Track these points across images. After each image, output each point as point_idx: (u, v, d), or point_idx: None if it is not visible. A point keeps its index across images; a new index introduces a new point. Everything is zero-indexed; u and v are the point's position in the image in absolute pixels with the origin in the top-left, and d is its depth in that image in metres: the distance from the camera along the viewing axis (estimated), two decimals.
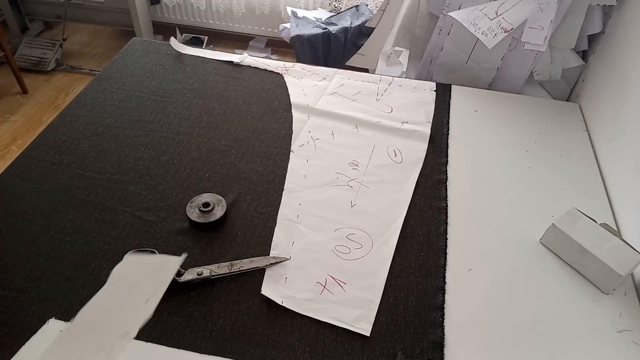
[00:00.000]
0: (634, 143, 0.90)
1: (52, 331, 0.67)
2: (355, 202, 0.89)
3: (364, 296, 0.74)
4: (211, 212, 0.84)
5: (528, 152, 1.03)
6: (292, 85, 1.18)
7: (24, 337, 0.66)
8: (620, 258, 0.74)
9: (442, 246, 0.82)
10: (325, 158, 0.98)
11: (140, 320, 0.60)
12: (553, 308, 0.74)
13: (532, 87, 1.29)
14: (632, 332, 0.71)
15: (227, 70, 1.21)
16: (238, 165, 0.96)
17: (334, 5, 2.54)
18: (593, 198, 0.93)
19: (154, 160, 0.95)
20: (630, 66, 0.99)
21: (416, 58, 1.43)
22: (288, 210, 0.87)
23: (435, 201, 0.90)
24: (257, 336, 0.68)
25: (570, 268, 0.80)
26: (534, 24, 1.10)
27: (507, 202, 0.91)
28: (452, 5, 1.22)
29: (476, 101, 1.17)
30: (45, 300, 0.71)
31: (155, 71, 1.20)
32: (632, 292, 0.76)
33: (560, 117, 1.14)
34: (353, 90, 1.17)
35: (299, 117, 1.08)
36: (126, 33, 2.91)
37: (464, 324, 0.71)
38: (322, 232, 0.83)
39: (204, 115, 1.08)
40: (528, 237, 0.84)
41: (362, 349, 0.68)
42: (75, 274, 0.74)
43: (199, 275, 0.73)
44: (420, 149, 1.01)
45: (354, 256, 0.80)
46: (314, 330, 0.69)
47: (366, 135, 1.04)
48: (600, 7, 1.15)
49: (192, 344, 0.67)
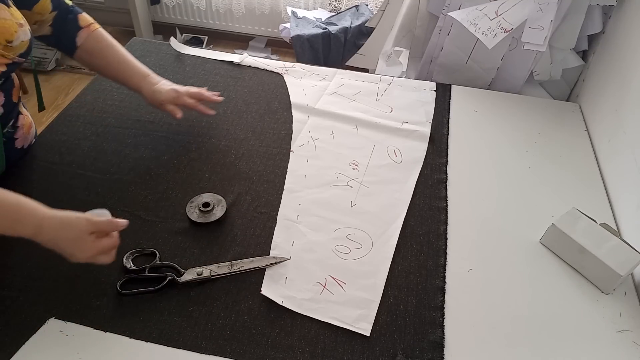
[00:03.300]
0: (634, 143, 0.90)
1: (52, 331, 0.67)
2: (355, 202, 0.89)
3: (364, 296, 0.74)
4: (211, 212, 0.84)
5: (528, 152, 1.02)
6: (292, 86, 1.18)
7: (24, 337, 0.66)
8: (620, 258, 0.74)
9: (442, 246, 0.82)
10: (325, 158, 0.98)
11: None
12: (553, 308, 0.74)
13: (532, 87, 1.29)
14: (632, 332, 0.71)
15: (227, 70, 1.21)
16: (238, 165, 0.96)
17: (334, 5, 2.54)
18: (593, 198, 0.93)
19: (154, 160, 0.95)
20: (630, 66, 0.99)
21: (416, 58, 1.43)
22: (288, 210, 0.87)
23: (435, 201, 0.90)
24: (257, 336, 0.68)
25: (570, 268, 0.80)
26: (533, 24, 1.10)
27: (507, 202, 0.91)
28: (452, 5, 1.22)
29: (476, 101, 1.17)
30: (45, 300, 0.71)
31: (155, 71, 1.18)
32: (632, 292, 0.76)
33: (560, 117, 1.14)
34: (353, 90, 1.17)
35: (299, 117, 1.08)
36: (126, 33, 2.90)
37: (464, 324, 0.71)
38: (322, 232, 0.83)
39: (204, 115, 1.07)
40: (528, 237, 0.84)
41: (362, 349, 0.68)
42: (76, 274, 0.74)
43: (198, 275, 0.73)
44: (420, 149, 1.01)
45: (354, 256, 0.80)
46: (314, 330, 0.69)
47: (366, 135, 1.04)
48: (600, 7, 1.15)
49: (192, 344, 0.67)
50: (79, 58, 0.98)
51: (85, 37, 0.96)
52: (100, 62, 0.99)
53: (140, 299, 0.72)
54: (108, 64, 0.99)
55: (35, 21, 0.90)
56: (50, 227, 0.67)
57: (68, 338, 0.66)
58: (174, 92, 0.98)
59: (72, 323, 0.68)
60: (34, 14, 0.89)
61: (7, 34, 0.79)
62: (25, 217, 0.66)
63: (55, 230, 0.67)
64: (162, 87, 0.98)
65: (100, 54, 0.98)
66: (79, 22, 0.95)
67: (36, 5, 0.88)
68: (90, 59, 0.99)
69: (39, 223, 0.66)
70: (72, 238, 0.68)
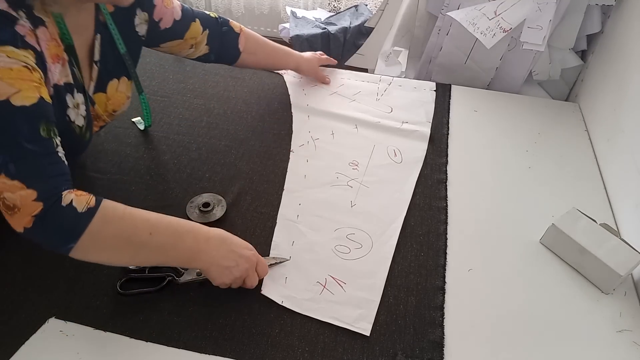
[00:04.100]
0: (633, 142, 0.90)
1: (52, 331, 0.67)
2: (355, 202, 0.89)
3: (364, 296, 0.74)
4: (211, 212, 0.84)
5: (528, 152, 1.03)
6: (291, 85, 1.18)
7: (24, 337, 0.66)
8: (620, 258, 0.74)
9: (442, 246, 0.82)
10: (325, 158, 0.98)
11: None
12: (553, 308, 0.74)
13: (531, 87, 1.29)
14: (632, 332, 0.71)
15: (227, 70, 1.21)
16: (238, 165, 0.96)
17: (333, 5, 2.53)
18: (593, 198, 0.93)
19: (154, 160, 0.95)
20: (628, 66, 0.99)
21: (415, 58, 1.43)
22: (288, 210, 0.87)
23: (435, 201, 0.90)
24: (256, 336, 0.68)
25: (570, 268, 0.80)
26: (532, 24, 1.10)
27: (507, 202, 0.91)
28: (451, 5, 1.22)
29: (476, 101, 1.17)
30: (45, 300, 0.71)
31: (155, 71, 1.20)
32: (632, 292, 0.77)
33: (560, 116, 1.14)
34: (353, 90, 1.17)
35: (299, 117, 1.08)
36: None
37: (464, 324, 0.71)
38: (322, 232, 0.83)
39: (204, 115, 1.07)
40: (528, 237, 0.84)
41: (362, 348, 0.68)
42: (76, 273, 0.74)
43: (198, 276, 0.73)
44: (420, 149, 1.01)
45: (354, 256, 0.80)
46: (314, 330, 0.69)
47: (366, 135, 1.04)
48: (599, 7, 1.15)
49: (192, 344, 0.67)
50: (242, 61, 1.05)
51: (244, 41, 1.02)
52: (261, 57, 1.08)
53: (141, 299, 0.71)
54: (268, 56, 1.10)
55: (190, 45, 0.95)
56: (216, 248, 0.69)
57: (68, 338, 0.66)
58: (316, 60, 1.18)
59: (72, 323, 0.68)
60: (186, 40, 0.93)
61: (117, 105, 0.85)
62: (190, 230, 0.69)
63: (222, 257, 0.69)
64: (310, 57, 1.16)
65: (261, 50, 1.07)
66: (235, 30, 1.01)
67: (187, 32, 0.93)
68: (253, 58, 1.06)
69: (206, 235, 0.69)
70: (233, 266, 0.70)
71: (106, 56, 0.81)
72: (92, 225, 0.61)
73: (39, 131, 0.60)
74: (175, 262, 0.70)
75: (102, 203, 0.64)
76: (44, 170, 0.61)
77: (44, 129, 0.61)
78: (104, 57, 0.80)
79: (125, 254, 0.66)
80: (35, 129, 0.60)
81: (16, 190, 0.58)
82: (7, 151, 0.58)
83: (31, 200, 0.59)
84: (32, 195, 0.59)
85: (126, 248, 0.65)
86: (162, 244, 0.66)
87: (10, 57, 0.59)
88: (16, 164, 0.58)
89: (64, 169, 0.63)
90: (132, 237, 0.65)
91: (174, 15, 0.90)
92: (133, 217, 0.66)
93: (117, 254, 0.66)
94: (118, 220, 0.64)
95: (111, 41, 0.81)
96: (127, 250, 0.66)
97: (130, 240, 0.65)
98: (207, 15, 0.96)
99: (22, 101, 0.59)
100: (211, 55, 0.99)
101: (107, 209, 0.64)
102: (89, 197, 0.63)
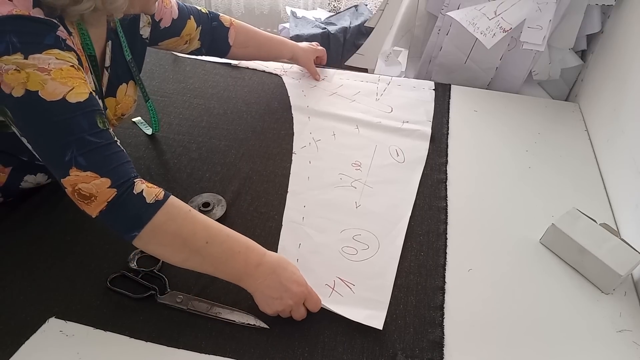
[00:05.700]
0: (632, 142, 0.90)
1: (52, 331, 0.67)
2: (359, 202, 0.89)
3: (373, 297, 0.73)
4: (211, 211, 0.84)
5: (528, 152, 1.03)
6: (291, 87, 1.18)
7: (24, 336, 0.66)
8: (620, 258, 0.74)
9: (442, 246, 0.82)
10: (328, 159, 0.98)
11: None
12: (553, 308, 0.74)
13: (531, 87, 1.29)
14: (632, 332, 0.71)
15: (227, 70, 1.21)
16: (238, 165, 0.96)
17: (333, 5, 2.54)
18: (593, 198, 0.93)
19: (154, 160, 0.95)
20: (628, 66, 0.99)
21: (415, 58, 1.43)
22: (293, 212, 0.87)
23: (435, 201, 0.90)
24: (256, 336, 0.68)
25: (570, 268, 0.80)
26: (532, 24, 1.10)
27: (507, 202, 0.91)
28: (451, 5, 1.22)
29: (476, 101, 1.17)
30: (45, 300, 0.71)
31: (155, 71, 1.20)
32: (632, 292, 0.76)
33: (560, 116, 1.14)
34: (352, 90, 1.17)
35: (300, 119, 1.08)
36: None
37: (464, 324, 0.71)
38: (328, 233, 0.83)
39: (204, 115, 1.08)
40: (528, 237, 0.84)
41: (362, 348, 0.68)
42: (76, 273, 0.74)
43: (176, 302, 0.71)
44: (422, 148, 1.01)
45: (361, 257, 0.80)
46: (314, 330, 0.69)
47: (367, 136, 1.04)
48: (599, 7, 1.15)
49: (192, 344, 0.67)
50: (233, 54, 1.07)
51: (234, 34, 1.04)
52: (253, 49, 1.10)
53: (140, 298, 0.71)
54: (261, 47, 1.10)
55: (185, 42, 0.98)
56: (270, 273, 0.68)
57: (68, 338, 0.66)
58: (312, 51, 1.19)
59: (72, 322, 0.68)
60: (182, 37, 0.96)
61: (125, 109, 0.86)
62: (244, 251, 0.68)
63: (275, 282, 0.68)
64: (306, 47, 1.18)
65: (252, 42, 1.08)
66: (224, 24, 1.02)
67: (184, 30, 0.95)
68: (244, 50, 1.08)
69: (259, 260, 0.68)
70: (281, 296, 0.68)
71: (116, 62, 0.82)
72: (156, 217, 0.64)
73: (97, 124, 0.63)
74: (224, 277, 0.69)
75: (169, 199, 0.66)
76: (111, 159, 0.63)
77: (100, 121, 0.64)
78: (114, 63, 0.81)
79: (179, 255, 0.67)
80: (93, 122, 0.63)
81: (90, 180, 0.61)
82: (74, 146, 0.61)
83: (106, 187, 0.62)
84: (107, 182, 0.62)
85: (181, 249, 0.66)
86: (215, 256, 0.67)
87: (59, 59, 0.61)
88: (85, 157, 0.61)
89: (127, 156, 0.66)
90: (188, 240, 0.66)
91: (172, 15, 0.92)
92: (194, 221, 0.66)
93: (172, 253, 0.67)
94: (180, 220, 0.66)
95: (120, 46, 0.82)
96: (181, 251, 0.66)
97: (186, 242, 0.66)
98: (199, 10, 0.98)
99: (77, 98, 0.62)
100: (202, 50, 1.02)
101: (172, 205, 0.66)
102: (158, 190, 0.66)
